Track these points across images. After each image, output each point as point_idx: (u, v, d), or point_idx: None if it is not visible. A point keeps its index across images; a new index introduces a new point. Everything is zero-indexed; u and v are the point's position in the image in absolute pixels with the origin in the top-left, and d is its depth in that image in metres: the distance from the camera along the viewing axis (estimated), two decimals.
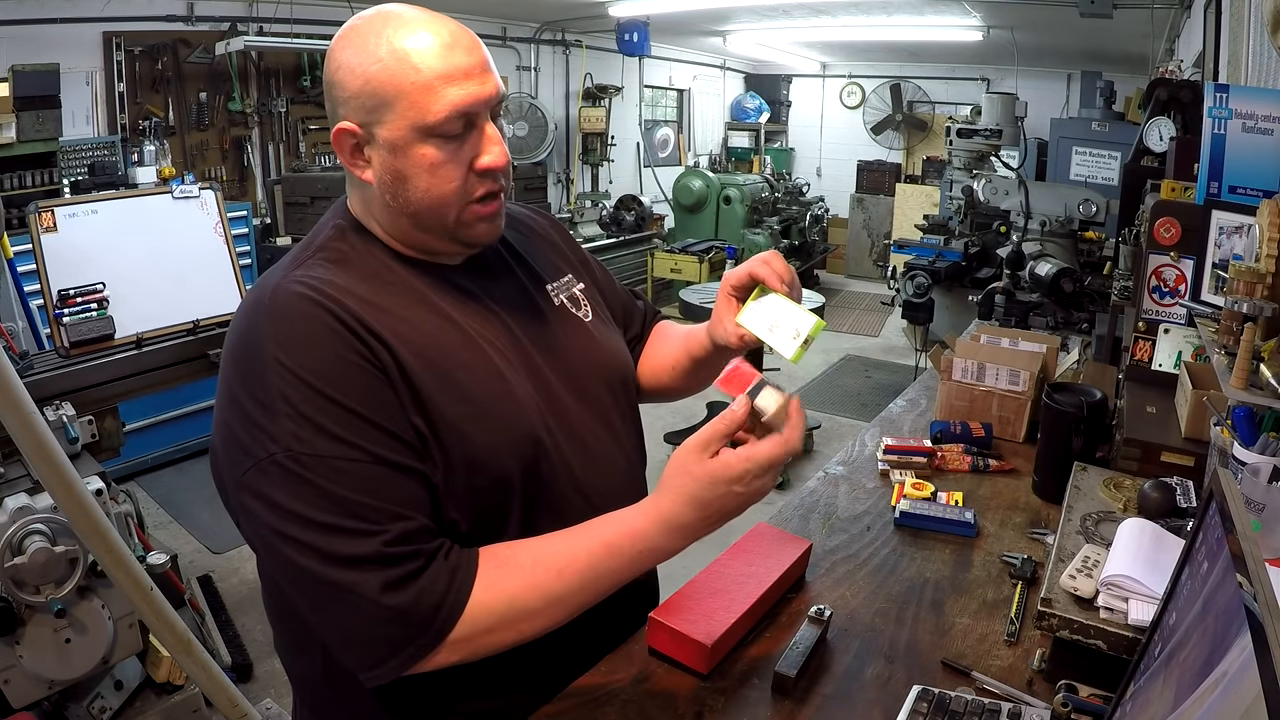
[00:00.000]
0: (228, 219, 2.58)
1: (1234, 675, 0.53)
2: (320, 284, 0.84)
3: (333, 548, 0.77)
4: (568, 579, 0.84)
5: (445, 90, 0.82)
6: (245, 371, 0.82)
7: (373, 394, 0.81)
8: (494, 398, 0.88)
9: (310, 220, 3.82)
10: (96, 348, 2.18)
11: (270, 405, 0.79)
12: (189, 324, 2.37)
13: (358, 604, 0.78)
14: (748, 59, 9.07)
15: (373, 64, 0.83)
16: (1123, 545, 1.02)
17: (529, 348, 0.95)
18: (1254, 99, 1.45)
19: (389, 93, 0.83)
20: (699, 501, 0.83)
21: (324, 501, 0.77)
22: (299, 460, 0.77)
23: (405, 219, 0.89)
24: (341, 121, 0.86)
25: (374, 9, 0.89)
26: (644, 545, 0.85)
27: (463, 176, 0.87)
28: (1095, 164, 6.29)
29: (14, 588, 1.55)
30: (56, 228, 2.20)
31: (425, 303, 0.90)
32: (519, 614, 0.83)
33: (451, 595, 0.80)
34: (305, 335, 0.80)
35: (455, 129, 0.84)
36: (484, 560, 0.84)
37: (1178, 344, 1.68)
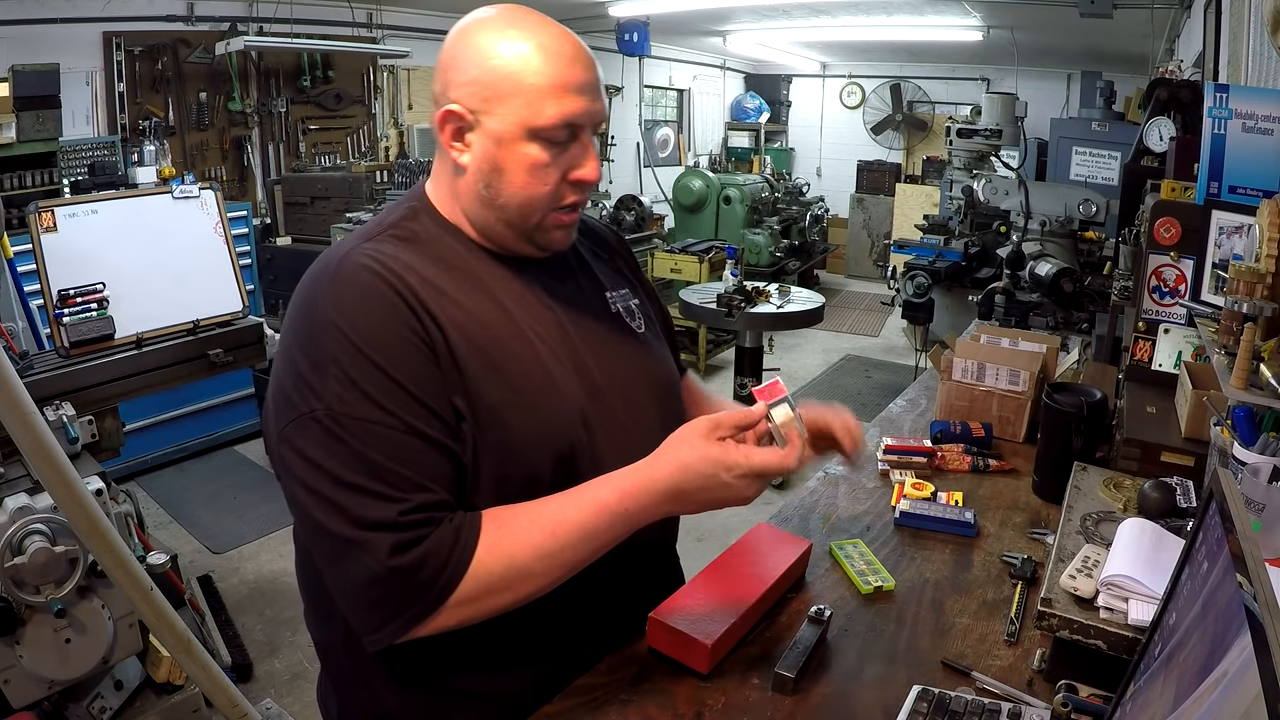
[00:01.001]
0: (228, 219, 2.58)
1: (1234, 675, 0.53)
2: (386, 259, 0.88)
3: (354, 508, 0.81)
4: (561, 538, 0.86)
5: (560, 98, 0.87)
6: (302, 331, 0.86)
7: (419, 368, 0.84)
8: (536, 390, 0.91)
9: (310, 220, 3.82)
10: (96, 348, 2.18)
11: (320, 365, 0.83)
12: (189, 324, 2.37)
13: (365, 564, 0.81)
14: (748, 59, 9.07)
15: (496, 56, 0.86)
16: (1123, 545, 1.02)
17: (580, 348, 0.97)
18: (1254, 99, 1.45)
19: (507, 87, 0.86)
20: (689, 471, 0.87)
21: (355, 462, 0.81)
22: (338, 420, 0.81)
23: (492, 210, 0.92)
24: (450, 104, 0.88)
25: (504, 5, 0.91)
26: (631, 505, 0.88)
27: (556, 182, 0.91)
28: (1095, 164, 6.29)
29: (14, 588, 1.55)
30: (56, 228, 2.20)
31: (484, 291, 0.93)
32: (517, 574, 0.86)
33: (455, 556, 0.83)
34: (364, 304, 0.84)
35: (561, 136, 0.89)
36: (485, 522, 0.86)
37: (1178, 344, 1.69)
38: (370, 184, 3.70)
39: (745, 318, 3.69)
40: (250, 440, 4.32)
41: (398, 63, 5.67)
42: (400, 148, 5.81)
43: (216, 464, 4.15)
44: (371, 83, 5.59)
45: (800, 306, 3.84)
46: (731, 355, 4.26)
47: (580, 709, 0.94)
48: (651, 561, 1.12)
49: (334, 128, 5.40)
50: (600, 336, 1.01)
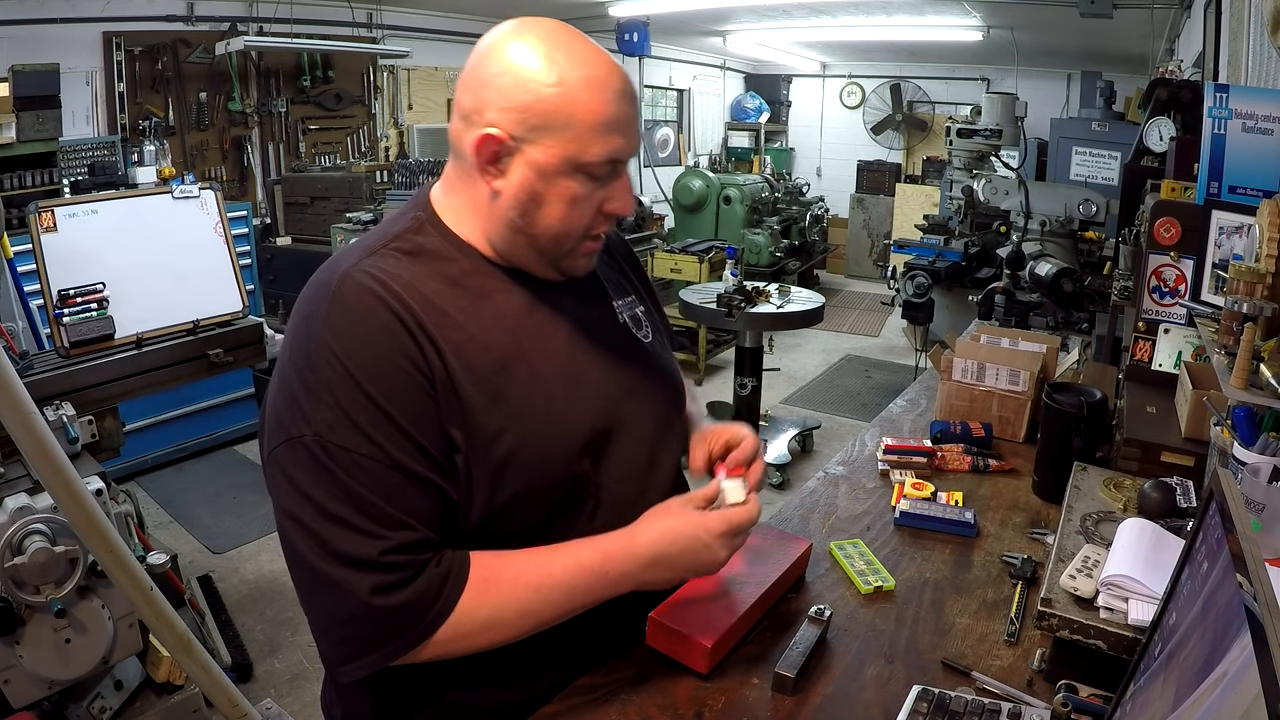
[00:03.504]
0: (228, 219, 2.58)
1: (1234, 675, 0.53)
2: (388, 278, 0.85)
3: (334, 541, 0.80)
4: (543, 594, 0.88)
5: (608, 135, 0.85)
6: (299, 351, 0.84)
7: (412, 401, 0.82)
8: (539, 417, 0.89)
9: (310, 220, 3.81)
10: (96, 348, 2.18)
11: (314, 389, 0.81)
12: (189, 324, 2.37)
13: (345, 600, 0.80)
14: (748, 59, 9.07)
15: (548, 85, 0.83)
16: (1123, 545, 1.02)
17: (588, 366, 0.96)
18: (1254, 99, 1.45)
19: (557, 120, 0.84)
20: (671, 534, 0.91)
21: (340, 493, 0.80)
22: (326, 448, 0.80)
23: (523, 237, 0.90)
24: (489, 128, 0.85)
25: (546, 24, 0.88)
26: (612, 568, 0.90)
27: (592, 214, 0.90)
28: (1095, 164, 6.29)
29: (14, 588, 1.55)
30: (56, 228, 2.20)
31: (490, 311, 0.90)
32: (496, 624, 0.87)
33: (440, 603, 0.83)
34: (361, 329, 0.82)
35: (603, 172, 0.88)
36: (474, 570, 0.86)
37: (1178, 344, 1.69)
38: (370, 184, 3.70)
39: (745, 318, 3.69)
40: (250, 440, 4.31)
41: (398, 63, 5.67)
42: (400, 148, 5.81)
43: (216, 464, 4.15)
44: (371, 83, 5.59)
45: (800, 306, 3.84)
46: (731, 355, 4.26)
47: (580, 709, 0.94)
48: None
49: (334, 128, 5.40)
50: (608, 351, 0.99)
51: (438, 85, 6.11)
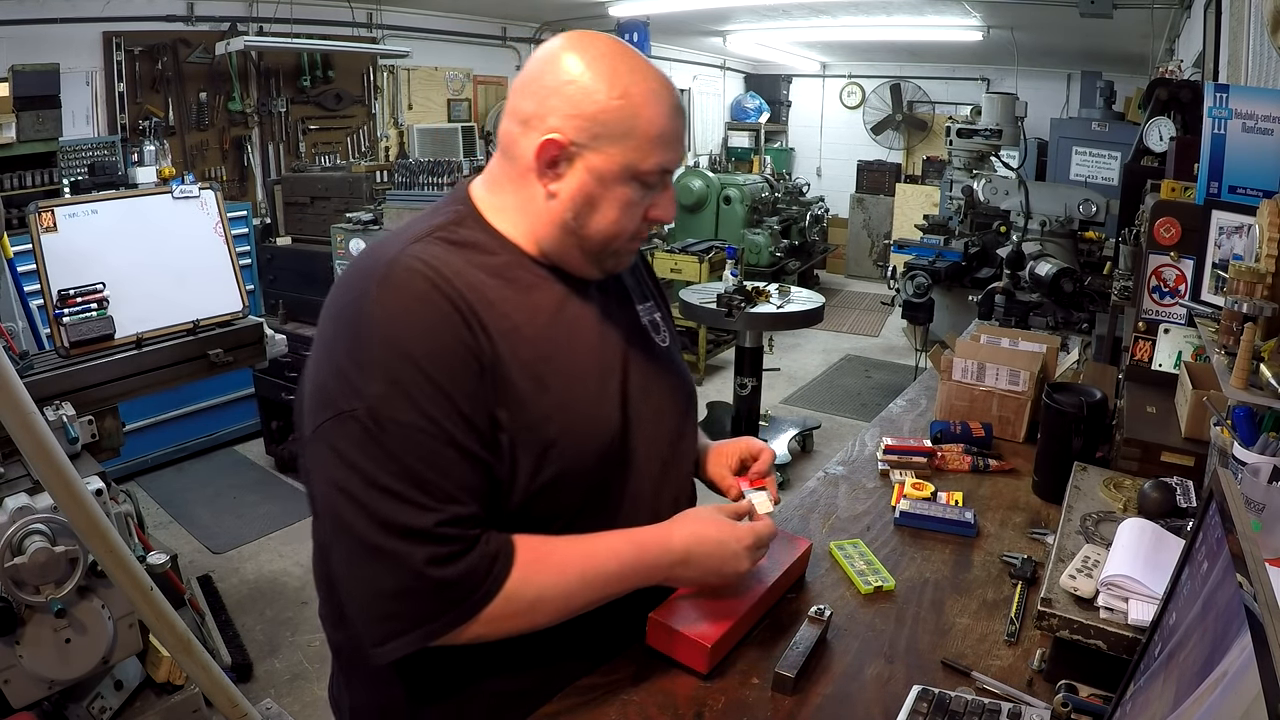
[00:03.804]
0: (228, 219, 2.57)
1: (1234, 675, 0.53)
2: (438, 263, 0.87)
3: (387, 513, 0.80)
4: (586, 580, 0.91)
5: (664, 147, 0.91)
6: (348, 332, 0.85)
7: (465, 379, 0.84)
8: (580, 402, 0.93)
9: (310, 220, 3.80)
10: (96, 348, 2.18)
11: (365, 365, 0.82)
12: (189, 324, 2.36)
13: (397, 572, 0.81)
14: (748, 59, 9.07)
15: (614, 97, 0.88)
16: (1123, 545, 1.02)
17: (618, 361, 1.00)
18: (1254, 99, 1.45)
19: (619, 129, 0.89)
20: (702, 537, 0.97)
21: (392, 465, 0.81)
22: (379, 422, 0.81)
23: (574, 237, 0.94)
24: (552, 134, 0.89)
25: (606, 39, 0.93)
26: (647, 561, 0.95)
27: (639, 220, 0.95)
28: (1095, 164, 6.28)
29: (14, 588, 1.55)
30: (56, 228, 2.20)
31: (532, 304, 0.93)
32: (541, 606, 0.89)
33: (490, 581, 0.85)
34: (415, 311, 0.84)
35: (654, 180, 0.93)
36: (520, 551, 0.88)
37: (1178, 344, 1.69)
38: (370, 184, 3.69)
39: (745, 318, 3.69)
40: (250, 440, 4.32)
41: (398, 63, 5.67)
42: (400, 148, 5.81)
43: (216, 464, 4.15)
44: (371, 83, 5.59)
45: (800, 306, 3.84)
46: (731, 355, 4.27)
47: (580, 709, 0.94)
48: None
49: (334, 128, 5.40)
50: (634, 349, 1.03)
51: (438, 85, 6.11)
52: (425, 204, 3.11)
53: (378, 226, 3.22)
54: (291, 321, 3.76)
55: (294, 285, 3.78)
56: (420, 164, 3.23)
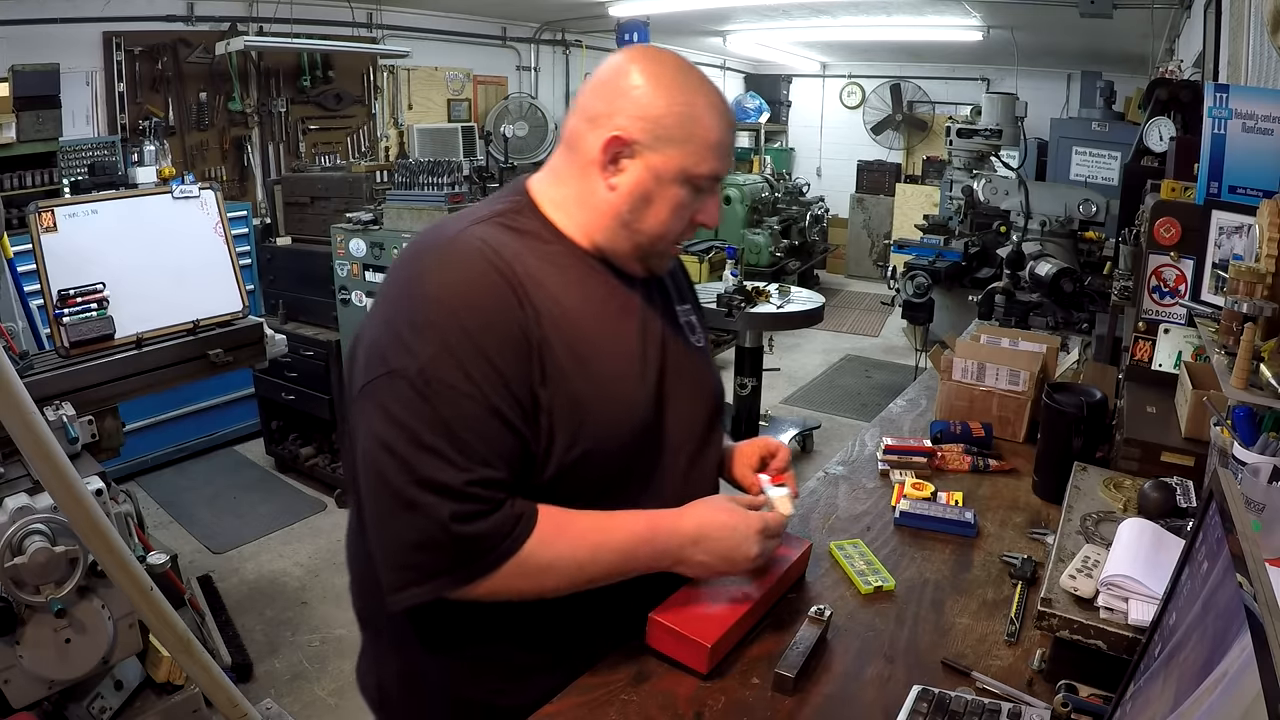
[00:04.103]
0: (228, 219, 2.57)
1: (1234, 675, 0.53)
2: (498, 244, 0.94)
3: (422, 468, 0.86)
4: (599, 553, 0.95)
5: (716, 156, 0.99)
6: (407, 299, 0.92)
7: (512, 355, 0.90)
8: (617, 385, 0.98)
9: (310, 220, 3.80)
10: (96, 348, 2.18)
11: (421, 329, 0.89)
12: (189, 324, 2.36)
13: (422, 524, 0.86)
14: (748, 59, 9.07)
15: (680, 104, 0.96)
16: (1123, 545, 1.02)
17: (655, 353, 1.05)
18: (1254, 99, 1.45)
19: (679, 134, 0.96)
20: (714, 522, 1.00)
21: (435, 425, 0.86)
22: (429, 382, 0.87)
23: (626, 230, 1.00)
24: (617, 130, 0.96)
25: (671, 53, 1.01)
26: (660, 540, 0.98)
27: (687, 221, 1.02)
28: (1095, 164, 6.28)
29: (14, 588, 1.55)
30: (56, 228, 2.20)
31: (582, 291, 0.99)
32: (553, 571, 0.93)
33: (509, 541, 0.89)
34: (473, 284, 0.90)
35: (704, 185, 1.00)
36: (541, 519, 0.93)
37: (1178, 344, 1.68)
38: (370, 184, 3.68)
39: (745, 318, 3.69)
40: (250, 440, 4.32)
41: (398, 63, 5.67)
42: (400, 148, 5.81)
43: (216, 464, 4.15)
44: (371, 83, 5.59)
45: (800, 306, 3.84)
46: (731, 355, 4.26)
47: (580, 709, 0.94)
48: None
49: (334, 128, 5.40)
50: (672, 345, 1.08)
51: (438, 85, 6.11)
52: (425, 204, 3.12)
53: (378, 226, 3.22)
54: (291, 321, 3.76)
55: (294, 285, 3.78)
56: (420, 164, 3.23)
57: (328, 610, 2.94)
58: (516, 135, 6.32)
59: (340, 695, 2.50)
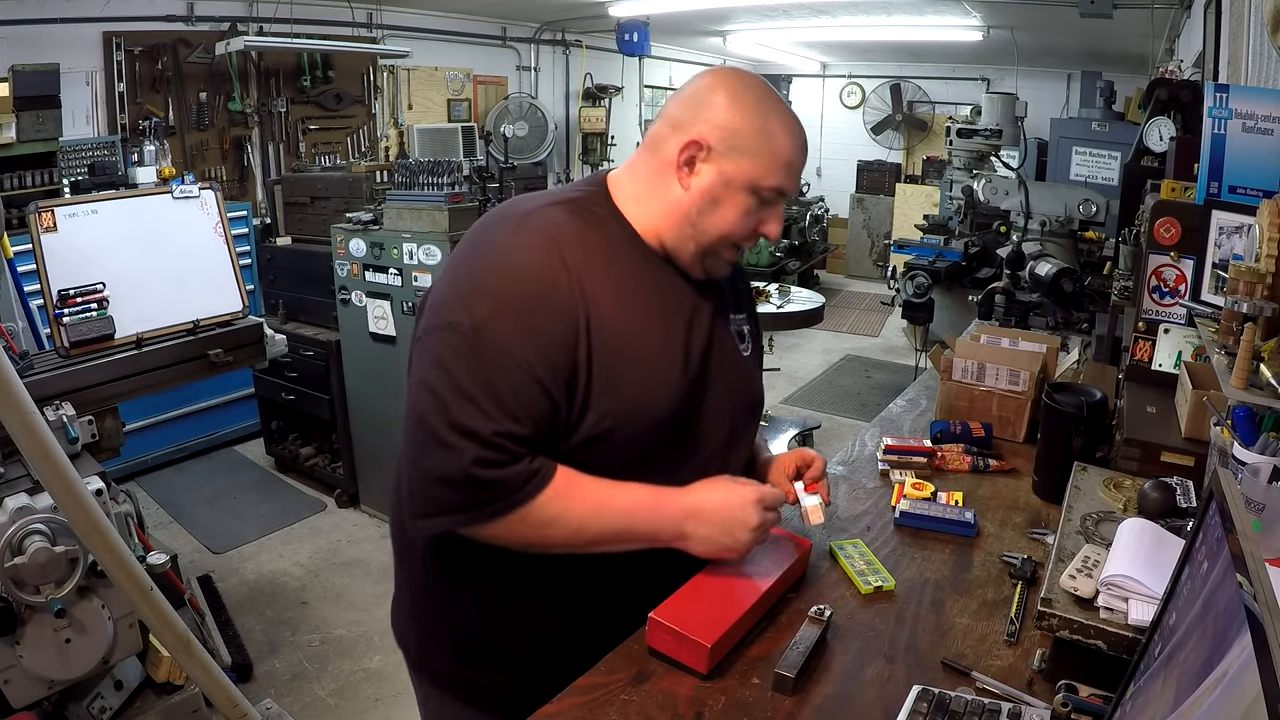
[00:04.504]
0: (228, 219, 2.57)
1: (1234, 675, 0.53)
2: (564, 225, 1.03)
3: (457, 412, 0.95)
4: (602, 514, 1.02)
5: (784, 172, 1.05)
6: (477, 261, 1.02)
7: (559, 325, 0.98)
8: (652, 370, 1.04)
9: (310, 220, 3.80)
10: (96, 348, 2.18)
11: (483, 292, 0.98)
12: (189, 324, 2.36)
13: (448, 464, 0.95)
14: (748, 59, 9.06)
15: (757, 121, 1.03)
16: (1123, 545, 1.02)
17: (698, 351, 1.09)
18: (1254, 99, 1.45)
19: (753, 147, 1.03)
20: (713, 493, 1.05)
21: (476, 376, 0.95)
22: (480, 337, 0.96)
23: (692, 229, 1.07)
24: (696, 136, 1.04)
25: (759, 79, 1.08)
26: (663, 508, 1.04)
27: (750, 230, 1.08)
28: (1095, 164, 6.28)
29: (14, 588, 1.55)
30: (56, 228, 2.20)
31: (635, 278, 1.06)
32: (557, 524, 1.00)
33: (522, 492, 0.97)
34: (534, 258, 0.99)
35: (770, 197, 1.06)
36: (556, 477, 1.00)
37: (1178, 344, 1.68)
38: (370, 184, 3.68)
39: None
40: (250, 440, 4.32)
41: (398, 63, 5.67)
42: (400, 148, 5.81)
43: (216, 464, 4.15)
44: (371, 83, 5.59)
45: (800, 306, 3.84)
46: None
47: (580, 709, 0.94)
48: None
49: (334, 128, 5.40)
50: (717, 348, 1.13)
51: (438, 85, 6.11)
52: (425, 204, 3.11)
53: (378, 227, 3.22)
54: (291, 321, 3.76)
55: (294, 285, 3.78)
56: (420, 164, 3.22)
57: (328, 610, 2.94)
58: (516, 135, 6.32)
59: (340, 695, 2.50)
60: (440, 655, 1.18)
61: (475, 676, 1.16)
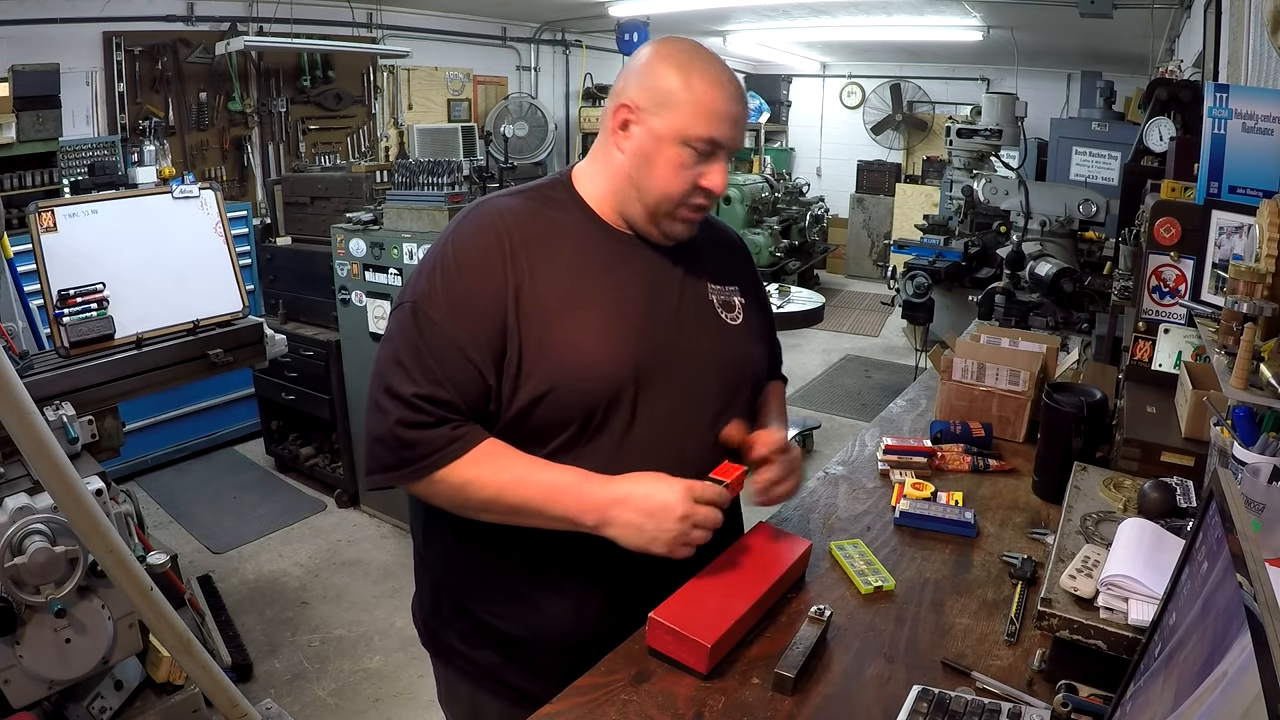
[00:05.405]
0: (228, 219, 2.57)
1: (1234, 675, 0.53)
2: (512, 209, 1.11)
3: (389, 377, 1.05)
4: (519, 486, 1.04)
5: (712, 121, 1.07)
6: (437, 243, 1.12)
7: (487, 297, 1.04)
8: (591, 343, 1.07)
9: (310, 220, 3.80)
10: (96, 348, 2.18)
11: (430, 268, 1.08)
12: (189, 324, 2.36)
13: (380, 424, 1.05)
14: (748, 59, 9.06)
15: (678, 74, 1.07)
16: (1123, 545, 1.02)
17: (659, 321, 1.12)
18: (1254, 99, 1.45)
19: (677, 99, 1.06)
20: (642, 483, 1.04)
21: (410, 346, 1.05)
22: (417, 312, 1.06)
23: (635, 191, 1.11)
24: (626, 98, 1.09)
25: (690, 42, 1.12)
26: (586, 490, 1.04)
27: (689, 185, 1.09)
28: (1095, 164, 6.28)
29: (14, 588, 1.55)
30: (56, 228, 2.20)
31: (582, 253, 1.11)
32: (470, 489, 1.04)
33: (440, 455, 1.03)
34: (473, 237, 1.08)
35: (703, 148, 1.07)
36: (482, 445, 1.05)
37: (1178, 344, 1.68)
38: (370, 184, 3.68)
39: None
40: (250, 440, 4.32)
41: (398, 63, 5.67)
42: (400, 148, 5.81)
43: (216, 464, 4.15)
44: (371, 83, 5.59)
45: (800, 306, 3.84)
46: None
47: (580, 709, 0.94)
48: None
49: (334, 128, 5.40)
50: (685, 317, 1.15)
51: (438, 85, 6.11)
52: (425, 204, 3.11)
53: (378, 226, 3.22)
54: (291, 321, 3.75)
55: (294, 285, 3.78)
56: (420, 164, 3.22)
57: (328, 610, 2.94)
58: (516, 135, 6.32)
59: (340, 695, 2.50)
60: (443, 629, 1.23)
61: (474, 654, 1.20)
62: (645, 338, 1.10)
